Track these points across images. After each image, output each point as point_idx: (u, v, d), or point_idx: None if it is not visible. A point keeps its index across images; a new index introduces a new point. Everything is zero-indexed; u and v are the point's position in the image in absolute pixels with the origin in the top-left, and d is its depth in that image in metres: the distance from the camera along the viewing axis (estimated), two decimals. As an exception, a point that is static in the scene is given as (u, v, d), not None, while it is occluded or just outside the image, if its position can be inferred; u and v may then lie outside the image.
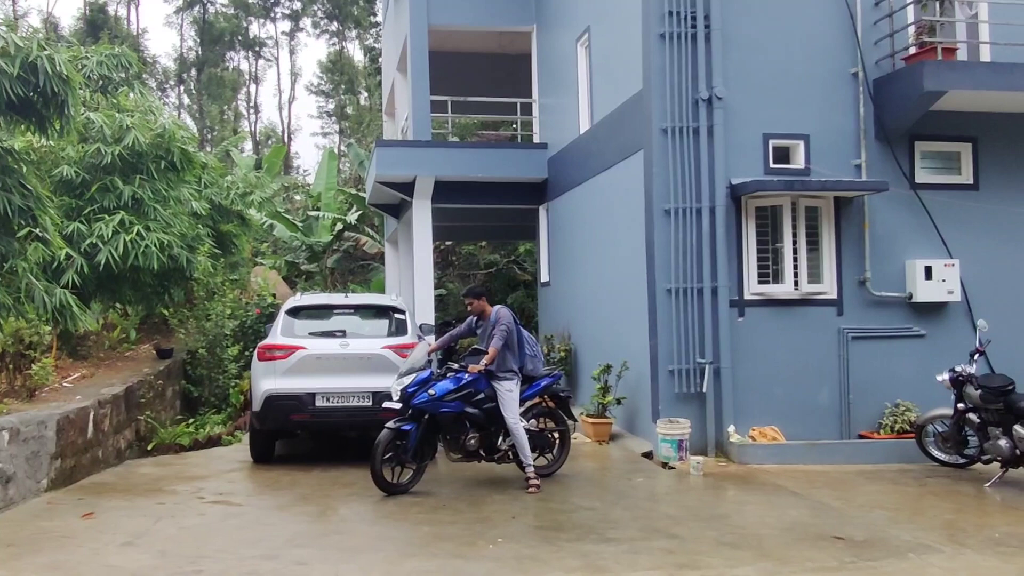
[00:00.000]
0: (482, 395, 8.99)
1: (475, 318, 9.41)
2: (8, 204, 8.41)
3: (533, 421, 9.47)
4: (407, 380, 8.69)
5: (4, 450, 8.14)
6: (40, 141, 10.73)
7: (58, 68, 8.17)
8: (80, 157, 11.84)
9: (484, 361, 8.89)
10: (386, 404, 8.78)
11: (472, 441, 8.97)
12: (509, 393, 8.94)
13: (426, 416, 8.68)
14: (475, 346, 9.28)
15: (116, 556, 6.67)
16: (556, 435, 9.71)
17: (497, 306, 9.38)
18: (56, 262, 10.30)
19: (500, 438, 9.12)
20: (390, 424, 8.56)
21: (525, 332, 9.57)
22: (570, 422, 9.90)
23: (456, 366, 9.01)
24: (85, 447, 9.89)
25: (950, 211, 11.14)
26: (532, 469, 8.90)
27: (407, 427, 8.59)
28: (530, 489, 8.71)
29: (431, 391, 8.65)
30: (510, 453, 9.16)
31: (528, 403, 9.48)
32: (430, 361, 9.12)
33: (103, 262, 11.10)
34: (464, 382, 8.88)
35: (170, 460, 11.25)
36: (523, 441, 8.88)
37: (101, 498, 8.72)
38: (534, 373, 9.47)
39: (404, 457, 8.64)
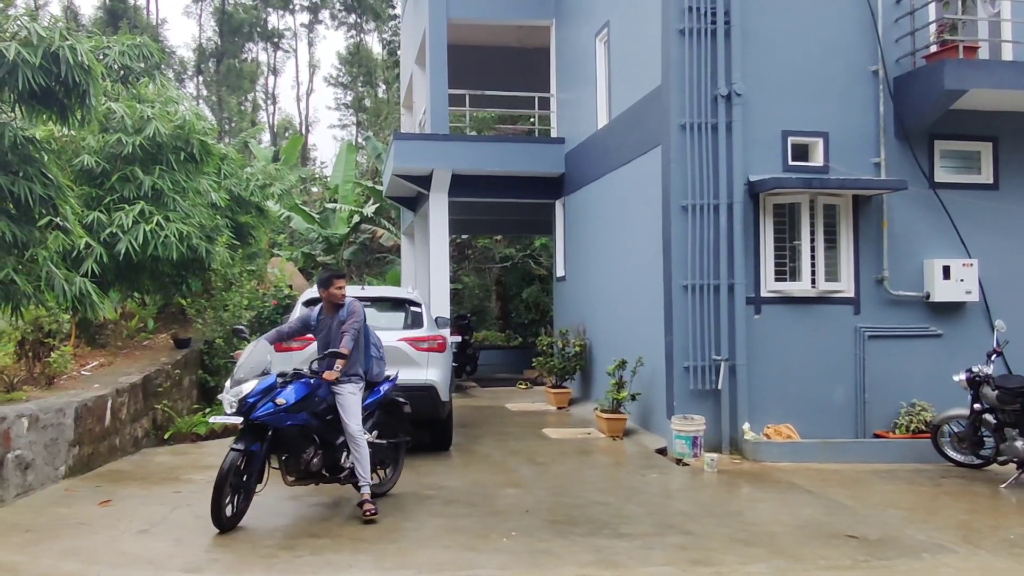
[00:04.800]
0: (324, 404, 7.55)
1: (317, 310, 7.99)
2: (29, 193, 8.48)
3: (375, 432, 8.18)
4: (247, 388, 7.05)
5: (23, 437, 8.21)
6: (61, 130, 10.78)
7: (80, 58, 8.23)
8: (101, 147, 11.91)
9: (338, 366, 7.45)
10: (215, 419, 7.77)
11: (315, 460, 7.54)
12: (352, 397, 7.59)
13: (269, 432, 7.13)
14: (332, 349, 7.52)
15: (132, 543, 6.73)
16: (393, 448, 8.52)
17: (349, 298, 7.99)
18: (76, 251, 10.36)
19: (343, 454, 7.72)
20: (236, 445, 7.00)
21: (371, 331, 8.31)
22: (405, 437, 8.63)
23: (306, 370, 7.45)
24: (103, 435, 9.96)
25: (969, 210, 11.09)
26: (369, 490, 7.56)
27: (256, 447, 7.07)
28: (367, 514, 7.34)
29: (278, 400, 7.08)
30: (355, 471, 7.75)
31: (366, 412, 8.00)
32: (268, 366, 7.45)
33: (123, 251, 11.16)
34: (311, 389, 7.40)
35: (186, 449, 11.31)
36: (365, 454, 7.54)
37: (118, 486, 8.79)
38: (378, 378, 8.26)
39: (251, 484, 7.16)
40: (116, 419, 10.36)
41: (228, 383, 7.16)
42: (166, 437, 12.02)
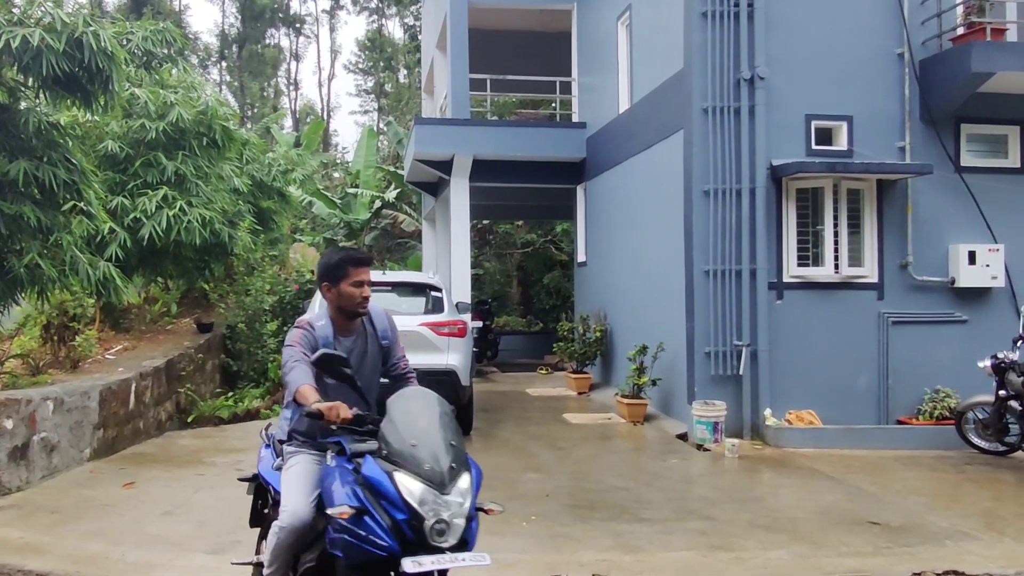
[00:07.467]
0: None
1: (325, 328, 4.26)
2: (54, 178, 8.55)
3: None
4: (466, 484, 3.74)
5: (49, 419, 8.31)
6: (85, 116, 10.85)
7: (103, 44, 8.27)
8: (124, 132, 11.98)
9: None
10: (420, 567, 3.41)
11: None
12: None
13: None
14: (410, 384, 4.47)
15: (156, 525, 6.80)
16: None
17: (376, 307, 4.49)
18: (100, 236, 10.45)
19: None
20: None
21: None
22: None
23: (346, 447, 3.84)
24: (127, 418, 10.06)
25: (996, 195, 10.96)
26: None
27: None
28: None
29: (488, 507, 4.19)
30: None
31: None
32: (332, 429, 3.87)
33: (146, 236, 11.24)
34: None
35: (209, 432, 11.41)
36: None
37: (142, 468, 8.88)
38: None
39: None
40: (140, 402, 10.45)
41: (406, 480, 3.52)
42: (189, 420, 12.15)
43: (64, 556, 6.05)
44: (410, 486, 3.50)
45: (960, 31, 10.62)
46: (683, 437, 10.56)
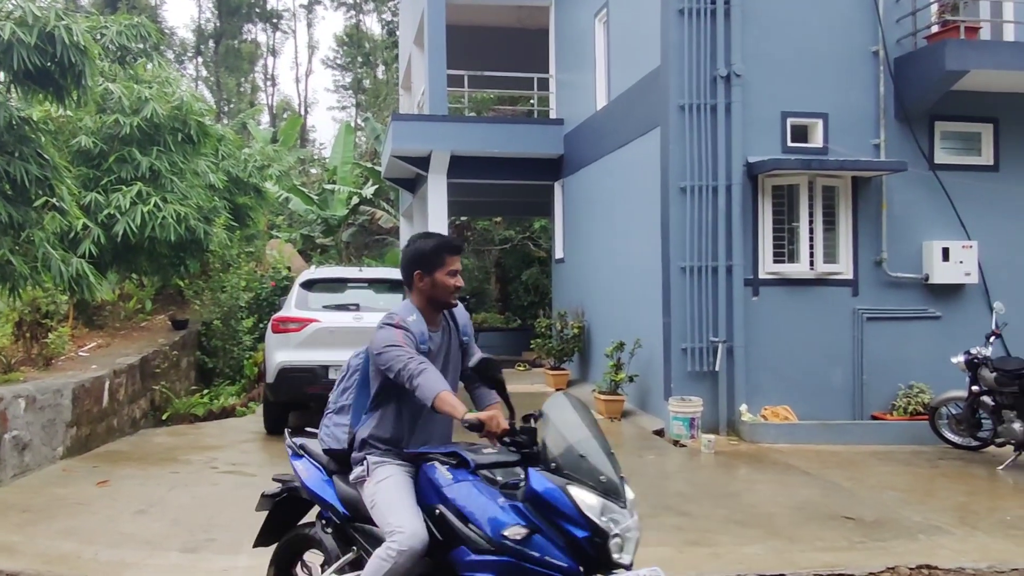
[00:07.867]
0: None
1: (417, 321, 4.09)
2: (25, 173, 8.44)
3: None
4: (632, 495, 3.46)
5: (20, 417, 8.21)
6: (58, 111, 10.74)
7: (75, 38, 8.18)
8: (98, 127, 11.87)
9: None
10: None
11: None
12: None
13: None
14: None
15: (130, 524, 6.74)
16: None
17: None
18: (73, 232, 10.35)
19: None
20: None
21: None
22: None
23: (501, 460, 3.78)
24: (100, 416, 9.97)
25: (969, 192, 11.05)
26: None
27: None
28: None
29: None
30: None
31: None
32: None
33: (120, 233, 11.14)
34: None
35: (184, 430, 11.33)
36: None
37: (116, 466, 8.80)
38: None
39: None
40: (114, 400, 10.36)
41: (582, 494, 3.28)
42: (164, 418, 12.06)
43: (36, 555, 5.98)
44: (588, 500, 3.25)
45: (934, 29, 10.70)
46: (660, 433, 10.58)
